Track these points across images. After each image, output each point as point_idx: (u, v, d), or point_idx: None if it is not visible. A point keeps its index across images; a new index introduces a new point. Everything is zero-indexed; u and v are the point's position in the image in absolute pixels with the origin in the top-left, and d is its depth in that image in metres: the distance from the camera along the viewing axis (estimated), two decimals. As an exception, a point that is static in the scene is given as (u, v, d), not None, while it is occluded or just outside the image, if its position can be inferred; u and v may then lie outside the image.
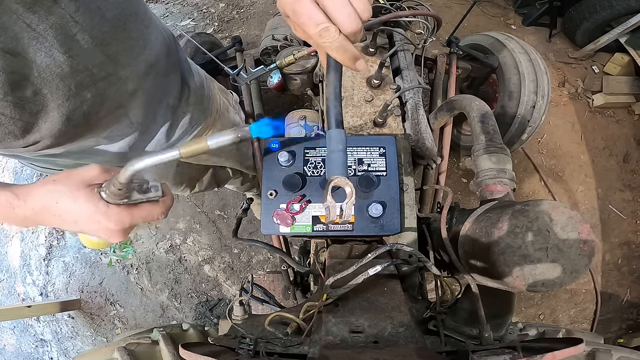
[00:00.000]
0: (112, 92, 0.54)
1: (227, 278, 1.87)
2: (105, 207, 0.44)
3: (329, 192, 0.40)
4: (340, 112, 0.42)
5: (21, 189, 0.45)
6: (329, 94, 0.42)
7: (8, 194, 0.44)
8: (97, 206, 0.43)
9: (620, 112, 2.14)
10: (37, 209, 0.45)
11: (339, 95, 0.42)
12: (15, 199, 0.44)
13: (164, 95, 0.68)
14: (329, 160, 0.42)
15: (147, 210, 0.47)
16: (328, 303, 0.57)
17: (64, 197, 0.43)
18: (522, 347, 0.42)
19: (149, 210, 0.47)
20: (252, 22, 2.38)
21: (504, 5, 2.42)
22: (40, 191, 0.44)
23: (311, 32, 0.36)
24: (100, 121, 0.56)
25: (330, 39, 0.36)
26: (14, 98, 0.42)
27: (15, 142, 0.48)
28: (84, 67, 0.47)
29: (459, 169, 2.00)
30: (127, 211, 0.45)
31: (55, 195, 0.44)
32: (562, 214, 0.47)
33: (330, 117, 0.42)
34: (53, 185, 0.44)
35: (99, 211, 0.44)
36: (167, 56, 0.66)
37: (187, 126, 0.77)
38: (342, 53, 0.37)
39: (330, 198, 0.41)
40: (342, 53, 0.37)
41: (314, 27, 0.35)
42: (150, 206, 0.47)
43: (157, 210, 0.48)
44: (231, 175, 1.26)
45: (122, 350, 0.74)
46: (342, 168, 0.41)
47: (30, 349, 1.91)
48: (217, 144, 0.39)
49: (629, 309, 1.85)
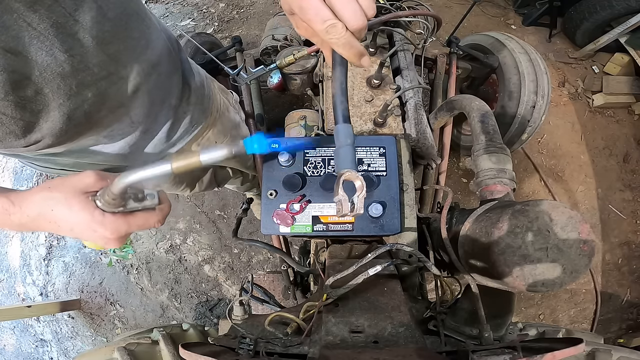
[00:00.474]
0: (113, 91, 0.54)
1: (227, 278, 1.87)
2: (101, 216, 0.44)
3: (340, 186, 0.40)
4: (347, 108, 0.43)
5: (17, 195, 0.46)
6: (335, 89, 0.42)
7: (4, 200, 0.45)
8: (93, 215, 0.44)
9: (620, 112, 2.14)
10: (33, 216, 0.45)
11: (345, 90, 0.43)
12: (11, 206, 0.45)
13: (166, 94, 0.68)
14: (337, 155, 0.42)
15: (143, 219, 0.47)
16: (328, 303, 0.57)
17: (60, 205, 0.44)
18: (522, 347, 0.42)
19: (145, 218, 0.47)
20: (252, 22, 2.38)
21: (504, 5, 2.42)
22: (36, 198, 0.45)
23: (318, 28, 0.36)
24: (101, 120, 0.56)
25: (337, 36, 0.36)
26: (15, 97, 0.42)
27: (17, 142, 0.48)
28: (85, 66, 0.47)
29: (459, 169, 2.00)
30: (123, 219, 0.45)
31: (51, 203, 0.44)
32: (562, 214, 0.47)
33: (338, 113, 0.42)
34: (48, 193, 0.44)
35: (94, 220, 0.44)
36: (168, 56, 0.66)
37: (187, 125, 0.77)
38: (349, 49, 0.38)
39: (342, 192, 0.41)
40: (348, 49, 0.38)
41: (321, 23, 0.35)
42: (146, 214, 0.48)
43: (154, 218, 0.48)
44: (231, 175, 1.26)
45: (122, 350, 0.74)
46: (351, 162, 0.41)
47: (30, 349, 1.91)
48: (210, 159, 0.39)
49: (629, 309, 1.85)
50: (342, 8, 0.35)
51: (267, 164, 0.71)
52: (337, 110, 0.42)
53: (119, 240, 0.47)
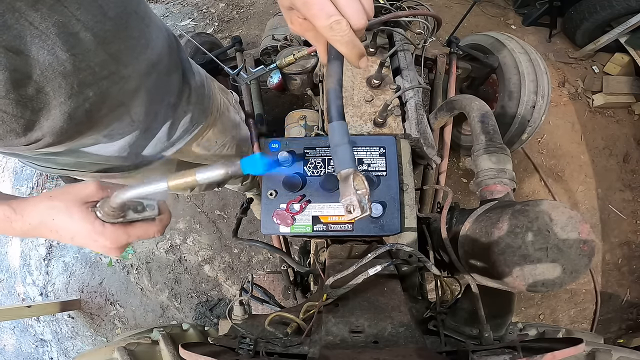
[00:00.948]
0: (114, 90, 0.54)
1: (227, 278, 1.87)
2: (102, 227, 0.45)
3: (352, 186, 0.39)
4: (342, 105, 0.42)
5: (19, 203, 0.46)
6: (330, 85, 0.41)
7: (6, 208, 0.45)
8: (94, 225, 0.45)
9: (620, 112, 2.14)
10: (34, 224, 0.46)
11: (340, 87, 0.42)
12: (13, 214, 0.45)
13: (166, 93, 0.68)
14: (335, 153, 0.41)
15: (142, 229, 0.48)
16: (328, 303, 0.57)
17: (61, 214, 0.44)
18: (522, 347, 0.42)
19: (144, 229, 0.48)
20: (252, 22, 2.38)
21: (504, 5, 2.42)
22: (38, 207, 0.45)
23: (322, 24, 0.35)
24: (102, 119, 0.56)
25: (341, 33, 0.36)
26: (17, 96, 0.42)
27: (17, 140, 0.48)
28: (87, 65, 0.48)
29: (459, 169, 2.00)
30: (122, 230, 0.46)
31: (52, 212, 0.45)
32: (562, 214, 0.47)
33: (333, 110, 0.41)
34: (50, 202, 0.45)
35: (95, 230, 0.45)
36: (168, 55, 0.66)
37: (187, 125, 0.77)
38: (351, 48, 0.37)
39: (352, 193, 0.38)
40: (350, 48, 0.37)
41: (325, 18, 0.35)
42: (146, 225, 0.49)
43: (153, 228, 0.49)
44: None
45: (122, 350, 0.74)
46: (351, 160, 0.40)
47: (30, 349, 1.91)
48: (206, 179, 0.39)
49: (629, 309, 1.85)
50: (345, 5, 0.35)
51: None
52: (332, 107, 0.41)
53: (118, 249, 0.48)
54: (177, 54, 0.70)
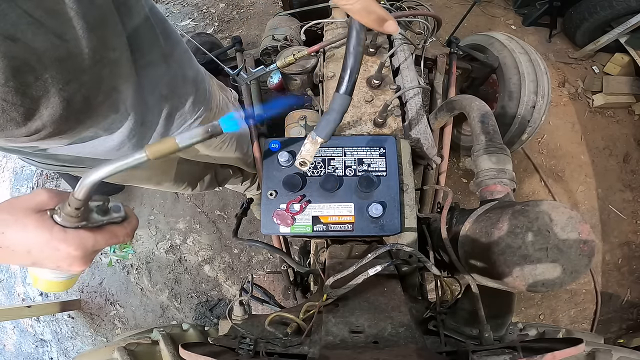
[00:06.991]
0: (106, 73, 0.54)
1: (227, 278, 1.87)
2: (62, 232, 0.39)
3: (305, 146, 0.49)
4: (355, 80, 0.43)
5: None
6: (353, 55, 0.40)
7: None
8: (52, 231, 0.39)
9: (620, 112, 2.14)
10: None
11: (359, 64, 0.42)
12: None
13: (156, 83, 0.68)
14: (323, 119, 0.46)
15: (110, 232, 0.44)
16: (328, 303, 0.57)
17: (11, 227, 0.38)
18: (522, 347, 0.42)
19: (112, 232, 0.44)
20: (252, 22, 2.38)
21: (504, 5, 2.42)
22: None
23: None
24: (99, 106, 0.56)
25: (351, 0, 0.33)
26: (16, 83, 0.42)
27: (17, 130, 0.48)
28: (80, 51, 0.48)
29: (459, 169, 2.00)
30: (87, 233, 0.41)
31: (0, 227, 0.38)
32: (562, 214, 0.47)
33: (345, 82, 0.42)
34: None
35: (54, 237, 0.39)
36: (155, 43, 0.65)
37: (186, 120, 0.77)
38: (367, 15, 0.35)
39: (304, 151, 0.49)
40: (366, 15, 0.35)
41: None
42: (113, 227, 0.44)
43: (122, 231, 0.45)
44: (232, 174, 1.26)
45: (122, 350, 0.74)
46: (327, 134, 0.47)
47: (30, 349, 1.91)
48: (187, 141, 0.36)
49: (629, 309, 1.85)
50: None
51: (267, 164, 0.71)
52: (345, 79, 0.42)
53: (85, 258, 0.42)
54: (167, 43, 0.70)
